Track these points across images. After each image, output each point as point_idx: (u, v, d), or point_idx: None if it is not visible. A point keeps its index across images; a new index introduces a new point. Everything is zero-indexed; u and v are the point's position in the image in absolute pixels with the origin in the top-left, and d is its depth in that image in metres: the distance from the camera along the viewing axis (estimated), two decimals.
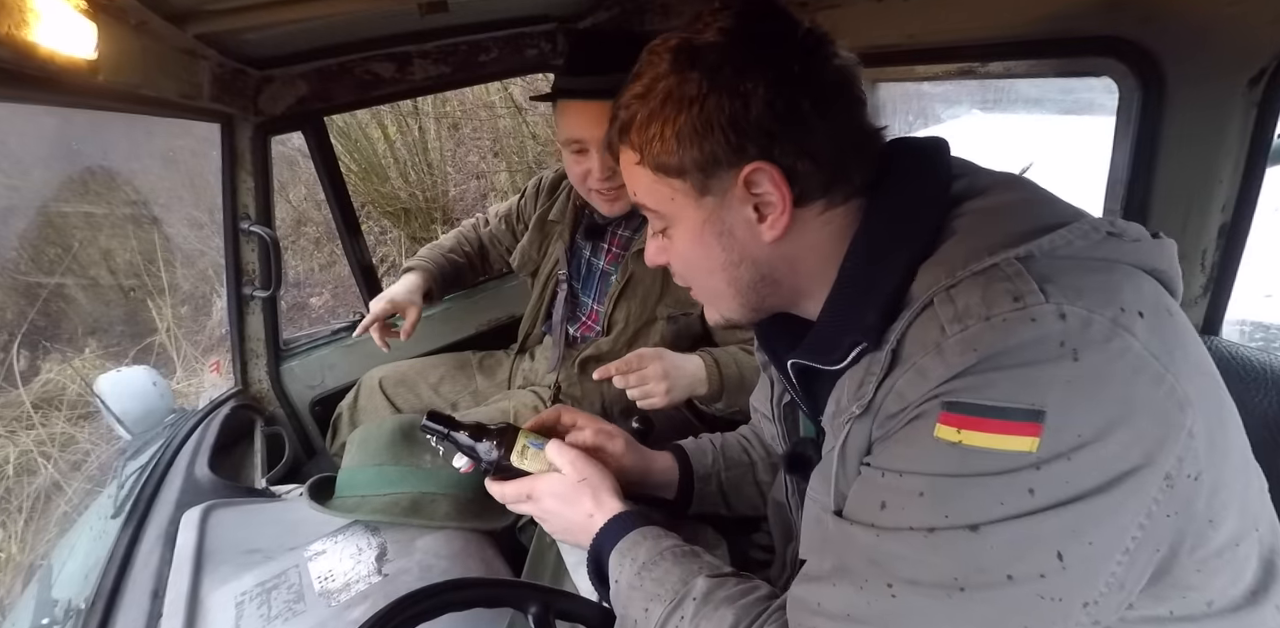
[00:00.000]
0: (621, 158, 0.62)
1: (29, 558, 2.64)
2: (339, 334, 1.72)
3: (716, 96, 0.53)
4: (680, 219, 0.61)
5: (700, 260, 0.62)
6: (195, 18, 0.94)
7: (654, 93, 0.56)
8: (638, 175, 0.60)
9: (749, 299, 0.63)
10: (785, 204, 0.55)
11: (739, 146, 0.54)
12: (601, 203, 1.31)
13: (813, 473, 0.61)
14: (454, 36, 1.49)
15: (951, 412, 0.46)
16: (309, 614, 0.80)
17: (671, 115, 0.55)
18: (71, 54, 0.68)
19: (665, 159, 0.57)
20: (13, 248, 3.42)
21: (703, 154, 0.55)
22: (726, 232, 0.59)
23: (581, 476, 0.74)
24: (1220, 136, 0.81)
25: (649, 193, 0.61)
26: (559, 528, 0.77)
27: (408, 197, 4.92)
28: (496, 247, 1.70)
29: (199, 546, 0.91)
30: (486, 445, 0.78)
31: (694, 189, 0.58)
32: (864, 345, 0.52)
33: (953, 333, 0.46)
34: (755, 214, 0.57)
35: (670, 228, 0.62)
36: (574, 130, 1.24)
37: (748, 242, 0.59)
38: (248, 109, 1.36)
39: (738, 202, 0.57)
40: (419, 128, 4.94)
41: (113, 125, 3.57)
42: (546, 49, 1.63)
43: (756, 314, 0.65)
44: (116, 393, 1.38)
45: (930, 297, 0.49)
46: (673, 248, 0.64)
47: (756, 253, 0.59)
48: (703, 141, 0.54)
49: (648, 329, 1.36)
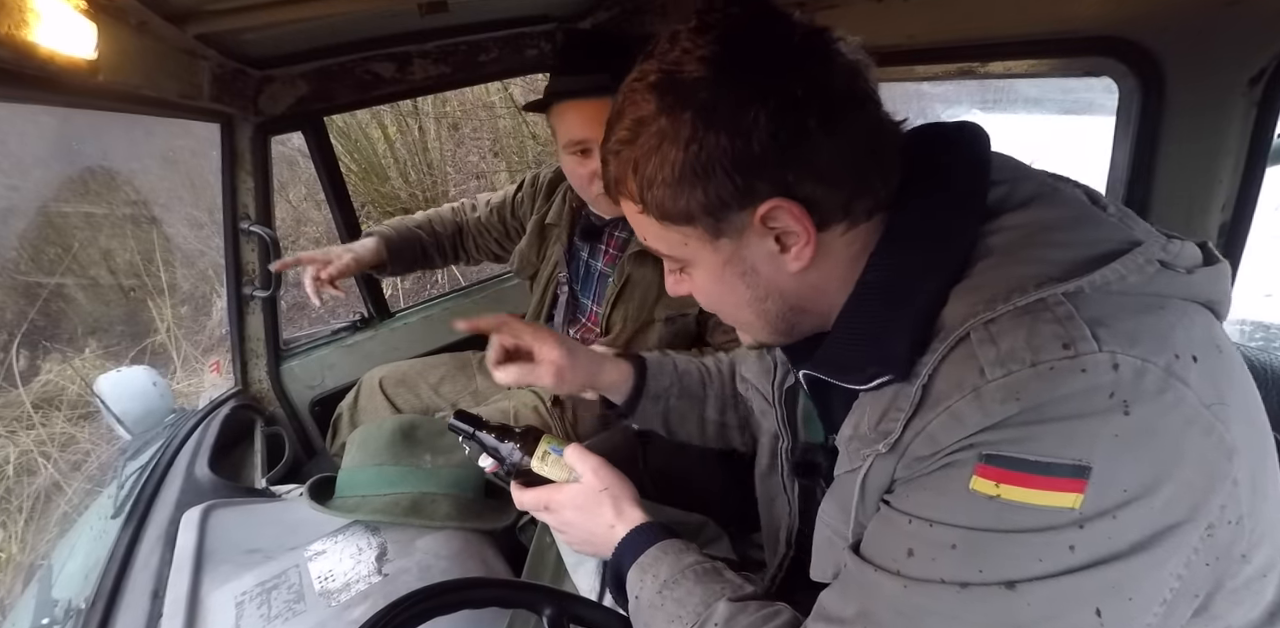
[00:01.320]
0: (622, 205, 0.57)
1: (29, 558, 2.64)
2: (339, 334, 1.72)
3: (714, 136, 0.48)
4: (698, 262, 0.57)
5: (725, 297, 0.59)
6: (195, 18, 0.94)
7: (643, 137, 0.50)
8: (643, 224, 0.56)
9: (780, 327, 0.60)
10: (809, 235, 0.51)
11: (747, 187, 0.49)
12: (606, 206, 1.31)
13: (827, 495, 0.59)
14: (454, 36, 1.49)
15: (990, 465, 0.43)
16: (309, 614, 0.80)
17: (667, 160, 0.49)
18: (71, 54, 0.68)
19: (669, 207, 0.52)
20: (13, 248, 3.42)
21: (709, 198, 0.50)
22: (749, 270, 0.55)
23: (603, 485, 0.72)
24: (1220, 137, 0.81)
25: (659, 240, 0.57)
26: (578, 539, 0.74)
27: (408, 197, 4.92)
28: (483, 236, 1.62)
29: (199, 546, 0.91)
30: (509, 447, 0.77)
31: (706, 234, 0.53)
32: (889, 378, 0.49)
33: (994, 377, 0.43)
34: (777, 245, 0.53)
35: (688, 268, 0.59)
36: (575, 131, 1.23)
37: (772, 275, 0.55)
38: (248, 109, 1.35)
39: (756, 237, 0.52)
40: (419, 128, 4.94)
41: (113, 125, 3.57)
42: (546, 49, 1.63)
43: (790, 338, 0.62)
44: (116, 393, 1.38)
45: (966, 330, 0.45)
46: (694, 284, 0.60)
47: (783, 285, 0.56)
48: (706, 186, 0.49)
49: (646, 330, 1.36)
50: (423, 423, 1.04)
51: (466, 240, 1.64)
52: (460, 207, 1.66)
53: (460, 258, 1.68)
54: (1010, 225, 0.50)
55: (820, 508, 0.59)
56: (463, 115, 5.26)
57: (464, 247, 1.64)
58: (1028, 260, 0.47)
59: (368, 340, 1.71)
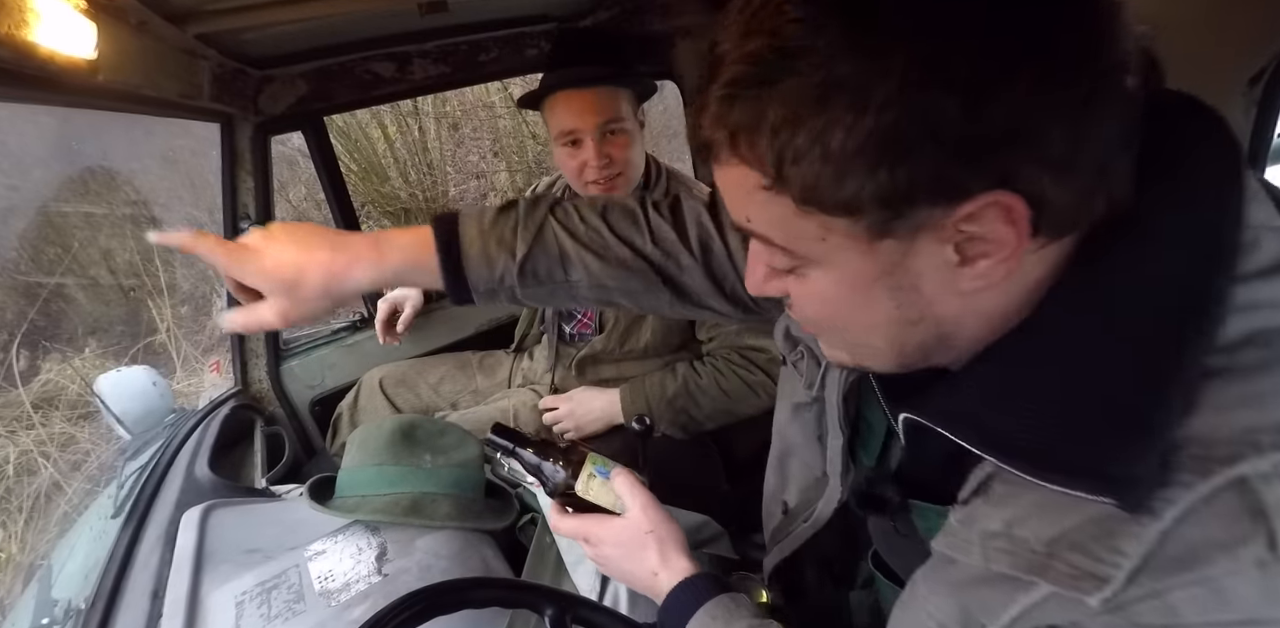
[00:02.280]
0: (725, 173, 0.40)
1: (29, 558, 2.64)
2: (339, 334, 1.72)
3: (928, 93, 0.31)
4: (832, 265, 0.40)
5: (855, 314, 0.42)
6: (195, 18, 0.94)
7: (813, 83, 0.33)
8: (761, 203, 0.39)
9: (907, 360, 0.45)
10: (1017, 247, 0.35)
11: (963, 173, 0.33)
12: (600, 194, 1.32)
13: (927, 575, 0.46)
14: (454, 36, 1.49)
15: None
16: (309, 614, 0.80)
17: (843, 120, 0.33)
18: (71, 54, 0.68)
19: (825, 189, 0.35)
20: (13, 248, 3.42)
21: (897, 184, 0.34)
22: (909, 286, 0.39)
23: (650, 526, 0.66)
24: None
25: (780, 228, 0.40)
26: (616, 573, 0.70)
27: (408, 197, 4.92)
28: None
29: (199, 546, 0.91)
30: (552, 467, 0.71)
31: (866, 231, 0.37)
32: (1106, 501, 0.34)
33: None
34: (956, 256, 0.37)
35: (806, 268, 0.42)
36: (565, 121, 1.25)
37: (937, 294, 0.39)
38: (248, 109, 1.36)
39: (934, 244, 0.37)
40: (419, 128, 4.94)
41: (112, 125, 3.57)
42: (546, 49, 1.63)
43: (905, 371, 0.47)
44: (116, 393, 1.38)
45: (1240, 474, 0.32)
46: (805, 289, 0.43)
47: (943, 309, 0.40)
48: (898, 166, 0.33)
49: (638, 325, 1.37)
50: (423, 423, 1.04)
51: None
52: None
53: None
54: (1263, 301, 0.35)
55: (916, 585, 0.48)
56: (463, 115, 5.26)
57: None
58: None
59: (368, 340, 1.71)
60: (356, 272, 0.64)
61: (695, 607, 0.61)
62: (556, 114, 1.26)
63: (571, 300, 0.72)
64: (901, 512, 0.55)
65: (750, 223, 0.42)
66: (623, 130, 1.28)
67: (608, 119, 1.25)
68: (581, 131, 1.25)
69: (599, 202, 0.72)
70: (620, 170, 1.29)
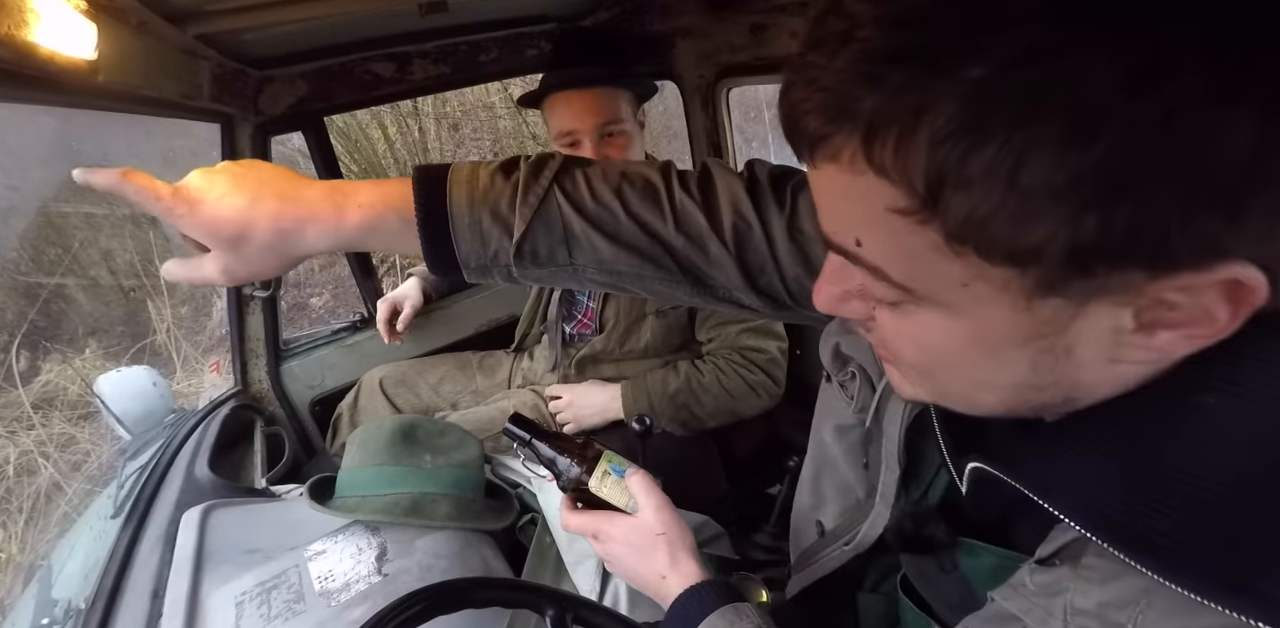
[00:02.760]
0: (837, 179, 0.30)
1: (29, 558, 2.64)
2: (339, 334, 1.72)
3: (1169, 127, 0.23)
4: (964, 315, 0.32)
5: (970, 372, 0.35)
6: (195, 18, 0.94)
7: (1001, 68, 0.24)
8: (889, 229, 0.30)
9: (1006, 410, 0.37)
10: (1222, 329, 0.28)
11: (1195, 233, 0.25)
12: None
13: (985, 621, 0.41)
14: (454, 36, 1.50)
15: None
16: (309, 614, 0.80)
17: (1057, 139, 0.24)
18: (71, 54, 0.68)
19: (1000, 229, 0.26)
20: (13, 248, 3.42)
21: (1110, 235, 0.25)
22: (1062, 350, 0.31)
23: (662, 528, 0.65)
24: None
25: (909, 264, 0.31)
26: (623, 573, 0.69)
27: None
28: None
29: (199, 546, 0.91)
30: (566, 462, 0.71)
31: (1030, 286, 0.29)
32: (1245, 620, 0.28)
33: None
34: (1133, 322, 0.29)
35: (922, 308, 0.33)
36: (563, 122, 1.25)
37: (1089, 362, 0.32)
38: (248, 109, 1.36)
39: (1113, 306, 0.29)
40: (419, 128, 4.94)
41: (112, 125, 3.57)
42: (546, 49, 1.63)
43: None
44: (116, 393, 1.38)
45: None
46: (908, 330, 0.35)
47: (1085, 375, 0.32)
48: (1122, 208, 0.24)
49: (638, 325, 1.37)
50: (423, 423, 1.04)
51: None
52: None
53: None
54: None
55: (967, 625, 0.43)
56: (463, 115, 5.27)
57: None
58: None
59: (368, 340, 1.71)
60: (310, 233, 0.54)
61: (701, 616, 0.61)
62: (556, 114, 1.27)
63: (576, 283, 0.62)
64: (948, 549, 0.50)
65: (860, 248, 0.32)
66: (622, 132, 1.28)
67: (606, 120, 1.25)
68: (580, 132, 1.25)
69: (615, 170, 0.60)
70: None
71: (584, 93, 1.24)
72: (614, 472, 0.71)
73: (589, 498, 0.71)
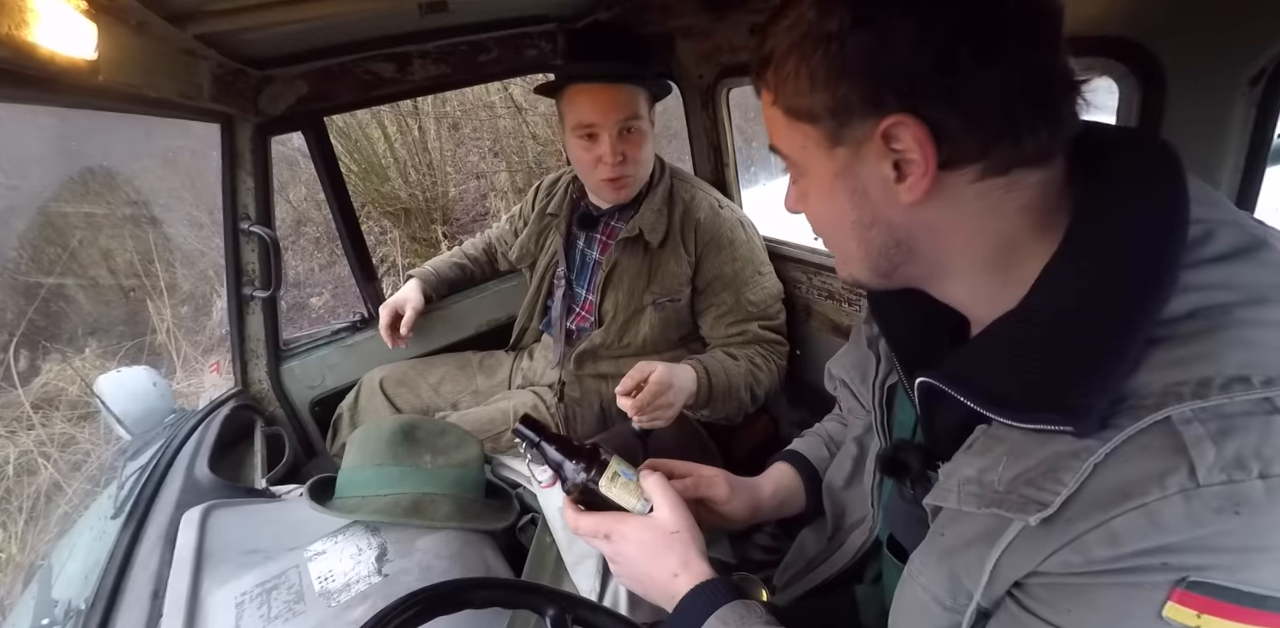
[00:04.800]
0: (762, 97, 0.54)
1: (29, 558, 2.64)
2: (339, 334, 1.72)
3: (858, 34, 0.44)
4: (811, 170, 0.53)
5: (830, 217, 0.54)
6: (195, 18, 0.94)
7: (798, 25, 0.47)
8: (772, 118, 0.53)
9: (879, 264, 0.54)
10: (928, 165, 0.46)
11: (876, 94, 0.45)
12: (609, 190, 1.32)
13: (924, 550, 0.54)
14: (454, 36, 1.50)
15: (1193, 592, 0.37)
16: (309, 615, 0.80)
17: (809, 53, 0.47)
18: (71, 54, 0.68)
19: (797, 101, 0.49)
20: (13, 248, 3.42)
21: (835, 99, 0.47)
22: (859, 189, 0.50)
23: (676, 527, 0.67)
24: (1220, 137, 0.81)
25: (783, 138, 0.53)
26: (631, 575, 0.69)
27: (408, 197, 4.92)
28: (501, 246, 1.73)
29: (199, 546, 0.91)
30: (574, 465, 0.71)
31: (826, 138, 0.49)
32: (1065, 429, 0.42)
33: (1209, 482, 0.36)
34: (894, 172, 0.48)
35: (803, 178, 0.55)
36: (585, 114, 1.25)
37: (882, 202, 0.50)
38: (248, 109, 1.36)
39: (874, 156, 0.48)
40: (419, 128, 4.94)
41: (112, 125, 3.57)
42: (546, 49, 1.63)
43: (887, 281, 0.56)
44: (116, 393, 1.38)
45: (1167, 414, 0.39)
46: (807, 200, 0.56)
47: (892, 216, 0.50)
48: (837, 85, 0.46)
49: (637, 317, 1.38)
50: (423, 423, 1.04)
51: (494, 254, 1.76)
52: (487, 234, 1.79)
53: (495, 274, 1.83)
54: (1213, 282, 0.42)
55: (912, 562, 0.55)
56: (463, 115, 5.27)
57: (494, 262, 1.77)
58: (1245, 341, 0.40)
59: (368, 340, 1.71)
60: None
61: (709, 611, 0.62)
62: (576, 106, 1.26)
63: None
64: (920, 480, 0.60)
65: (772, 139, 0.55)
66: (639, 129, 1.28)
67: (628, 116, 1.25)
68: (600, 126, 1.25)
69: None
70: (633, 169, 1.30)
71: (607, 87, 1.24)
72: (624, 475, 0.71)
73: (594, 501, 0.71)
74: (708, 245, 1.33)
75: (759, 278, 1.36)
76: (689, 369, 1.21)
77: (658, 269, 1.34)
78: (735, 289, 1.34)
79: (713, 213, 1.35)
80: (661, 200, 1.35)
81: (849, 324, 1.42)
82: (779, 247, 1.53)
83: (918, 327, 0.61)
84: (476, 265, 1.75)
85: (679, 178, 1.41)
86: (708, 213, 1.35)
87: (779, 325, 1.40)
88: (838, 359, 0.79)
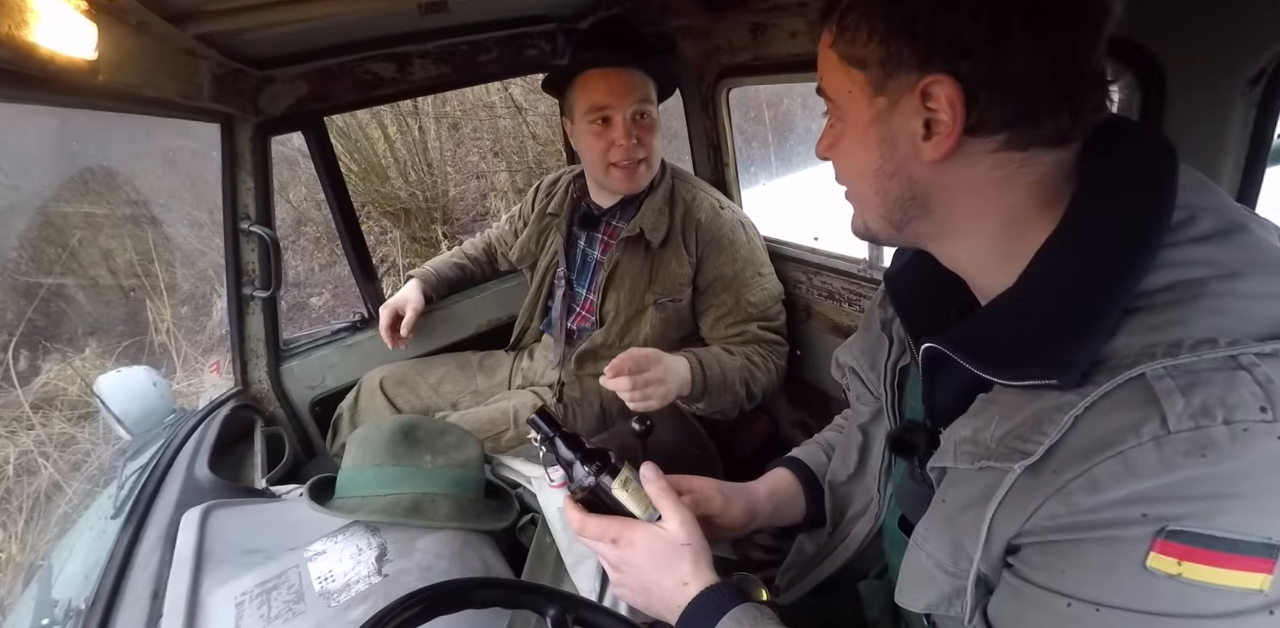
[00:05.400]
0: (822, 38, 0.57)
1: (29, 558, 2.64)
2: (339, 334, 1.72)
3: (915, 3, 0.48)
4: (850, 114, 0.56)
5: (856, 162, 0.57)
6: (195, 18, 0.94)
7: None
8: (827, 59, 0.56)
9: (892, 214, 0.57)
10: (955, 127, 0.49)
11: (925, 53, 0.49)
12: (621, 178, 1.32)
13: (930, 517, 0.56)
14: (454, 36, 1.50)
15: (1173, 540, 0.40)
16: (309, 615, 0.80)
17: (875, 5, 0.50)
18: (71, 54, 0.68)
19: (853, 48, 0.53)
20: (13, 248, 3.42)
21: (887, 52, 0.50)
22: (889, 139, 0.54)
23: (688, 539, 0.67)
24: (1220, 137, 0.81)
25: (832, 80, 0.57)
26: (635, 582, 0.68)
27: (408, 197, 4.92)
28: (501, 246, 1.73)
29: (199, 546, 0.91)
30: (584, 466, 0.70)
31: (870, 85, 0.53)
32: (1051, 383, 0.46)
33: (1179, 429, 0.40)
34: (923, 130, 0.51)
35: (840, 122, 0.58)
36: (599, 97, 1.26)
37: (907, 155, 0.53)
38: (248, 109, 1.36)
39: (909, 110, 0.51)
40: (419, 128, 4.94)
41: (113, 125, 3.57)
42: (546, 49, 1.63)
43: (898, 234, 0.59)
44: (116, 393, 1.38)
45: (1143, 370, 0.42)
46: (837, 143, 0.59)
47: (913, 170, 0.54)
48: (893, 38, 0.50)
49: (639, 318, 1.38)
50: (423, 423, 1.04)
51: (494, 253, 1.76)
52: (486, 234, 1.79)
53: (495, 274, 1.84)
54: (1192, 259, 0.46)
55: (917, 531, 0.57)
56: (463, 115, 5.27)
57: (494, 262, 1.77)
58: (1216, 309, 0.44)
59: (368, 340, 1.71)
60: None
61: (723, 611, 0.62)
62: (590, 89, 1.26)
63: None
64: (928, 459, 0.62)
65: (821, 80, 0.58)
66: (652, 115, 1.29)
67: (641, 98, 1.26)
68: (614, 109, 1.25)
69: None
70: (645, 156, 1.30)
71: (622, 71, 1.25)
72: (635, 480, 0.70)
73: (598, 504, 0.70)
74: (708, 246, 1.33)
75: (759, 279, 1.36)
76: (682, 358, 1.22)
77: (659, 269, 1.34)
78: (735, 290, 1.34)
79: (714, 214, 1.35)
80: (663, 200, 1.35)
81: (849, 324, 1.42)
82: (779, 247, 1.53)
83: (930, 306, 0.64)
84: (476, 265, 1.75)
85: (680, 178, 1.41)
86: (709, 213, 1.35)
87: (778, 326, 1.40)
88: (846, 348, 0.81)
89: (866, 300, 1.37)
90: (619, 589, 0.70)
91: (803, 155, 4.98)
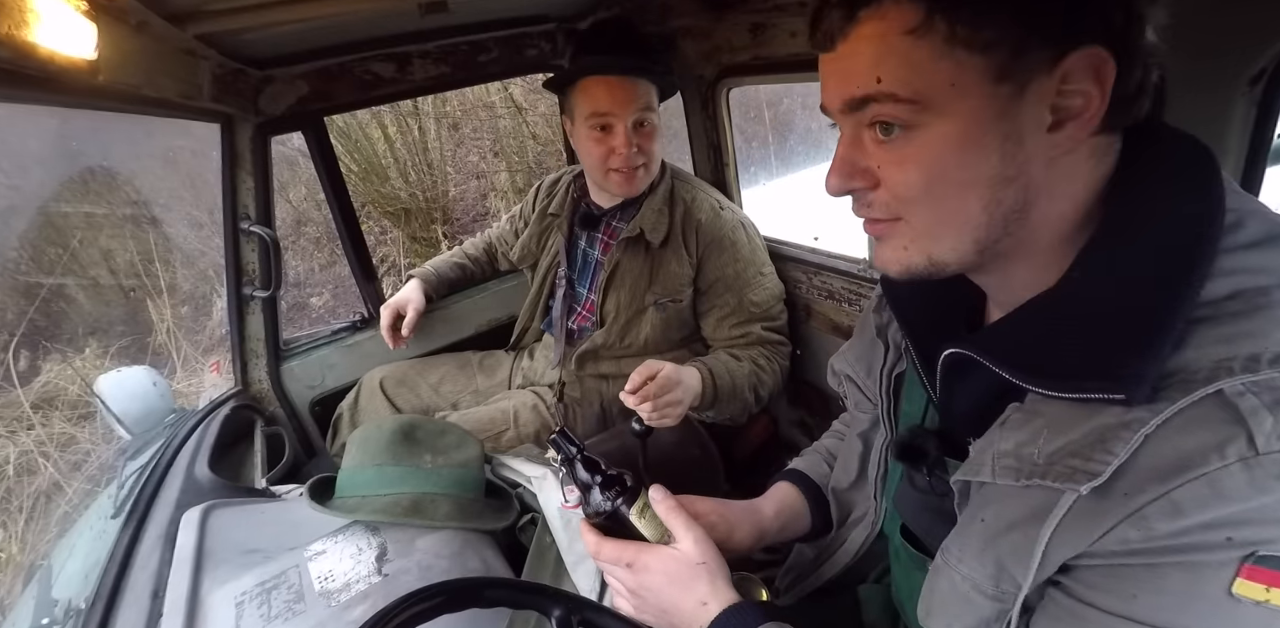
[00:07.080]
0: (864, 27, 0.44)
1: (29, 558, 2.64)
2: (339, 334, 1.72)
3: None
4: (951, 112, 0.43)
5: (959, 170, 0.45)
6: (195, 18, 0.94)
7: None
8: (900, 51, 0.43)
9: (992, 235, 0.47)
10: (1098, 110, 0.42)
11: (1068, 23, 0.40)
12: (620, 183, 1.32)
13: (956, 537, 0.52)
14: (454, 36, 1.50)
15: (1261, 566, 0.38)
16: (309, 614, 0.80)
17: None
18: (71, 54, 0.68)
19: (971, 23, 0.41)
20: (13, 248, 3.42)
21: (1023, 22, 0.40)
22: (1014, 135, 0.43)
23: (703, 558, 0.65)
24: (1220, 136, 0.81)
25: (920, 73, 0.43)
26: (655, 606, 0.66)
27: (408, 197, 4.92)
28: (501, 246, 1.73)
29: (199, 546, 0.91)
30: (601, 491, 0.69)
31: (992, 70, 0.42)
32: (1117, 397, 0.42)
33: (1269, 450, 0.37)
34: (1051, 117, 0.43)
35: (927, 127, 0.44)
36: (600, 104, 1.25)
37: (1033, 154, 0.44)
38: (248, 109, 1.36)
39: (1038, 97, 0.42)
40: (419, 128, 4.94)
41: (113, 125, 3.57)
42: (546, 49, 1.63)
43: (979, 260, 0.48)
44: (116, 393, 1.38)
45: (1220, 386, 0.39)
46: (911, 153, 0.45)
47: (1034, 172, 0.44)
48: (1026, 10, 0.40)
49: (639, 318, 1.38)
50: (423, 423, 1.04)
51: (495, 253, 1.76)
52: (487, 234, 1.79)
53: (496, 274, 1.83)
54: (1248, 267, 0.43)
55: (947, 551, 0.53)
56: (463, 115, 5.27)
57: (495, 262, 1.77)
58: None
59: (368, 340, 1.71)
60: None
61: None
62: (591, 96, 1.26)
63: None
64: (938, 465, 0.60)
65: (880, 84, 0.44)
66: (652, 123, 1.29)
67: (643, 107, 1.26)
68: (615, 116, 1.25)
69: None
70: (645, 162, 1.30)
71: (623, 78, 1.25)
72: (650, 507, 0.69)
73: (613, 527, 0.69)
74: (709, 247, 1.33)
75: (761, 279, 1.36)
76: (694, 370, 1.22)
77: (659, 269, 1.34)
78: (737, 291, 1.34)
79: (714, 214, 1.35)
80: (663, 200, 1.35)
81: (849, 324, 1.42)
82: (780, 247, 1.53)
83: (930, 313, 0.61)
84: (477, 265, 1.75)
85: (680, 178, 1.41)
86: (709, 214, 1.35)
87: (781, 326, 1.40)
88: (840, 355, 0.79)
89: (866, 300, 1.37)
90: (640, 616, 0.68)
91: (803, 155, 4.98)
